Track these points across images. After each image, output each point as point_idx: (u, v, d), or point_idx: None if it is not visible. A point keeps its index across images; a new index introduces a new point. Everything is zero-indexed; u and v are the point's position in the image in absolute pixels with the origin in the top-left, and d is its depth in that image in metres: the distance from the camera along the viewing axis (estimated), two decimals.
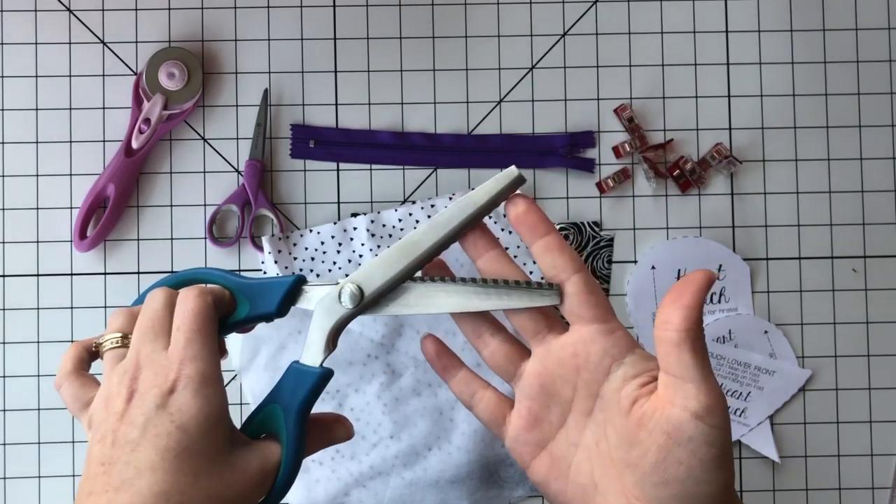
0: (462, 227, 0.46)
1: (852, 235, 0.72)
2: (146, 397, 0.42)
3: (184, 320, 0.44)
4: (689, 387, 0.40)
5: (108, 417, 0.42)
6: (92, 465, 0.41)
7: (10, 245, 0.70)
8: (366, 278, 0.46)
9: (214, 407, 0.42)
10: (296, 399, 0.44)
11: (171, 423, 0.41)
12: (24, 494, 0.69)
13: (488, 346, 0.48)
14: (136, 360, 0.43)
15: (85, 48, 0.71)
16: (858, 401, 0.71)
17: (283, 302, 0.46)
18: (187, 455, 0.41)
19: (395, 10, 0.72)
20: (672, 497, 0.40)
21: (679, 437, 0.40)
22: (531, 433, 0.46)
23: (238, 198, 0.70)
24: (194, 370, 0.42)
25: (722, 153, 0.71)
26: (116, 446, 0.41)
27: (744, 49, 0.72)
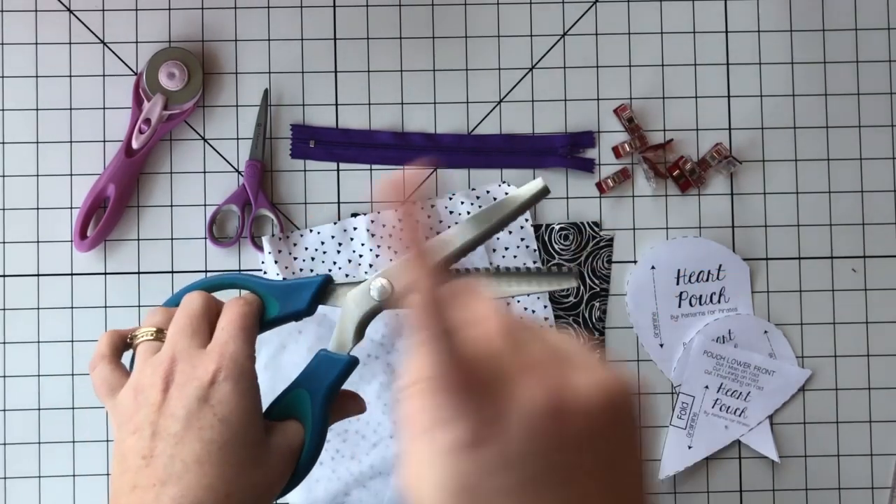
0: (491, 230, 0.48)
1: (852, 235, 0.72)
2: (186, 389, 0.42)
3: (229, 321, 0.45)
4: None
5: (141, 408, 0.43)
6: (130, 457, 0.42)
7: (10, 245, 0.70)
8: (395, 274, 0.48)
9: (252, 399, 0.44)
10: (323, 384, 0.47)
11: (213, 415, 0.42)
12: (24, 494, 0.69)
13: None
14: (172, 354, 0.44)
15: (85, 48, 0.71)
16: (858, 401, 0.72)
17: (312, 300, 0.48)
18: (230, 447, 0.42)
19: (395, 10, 0.72)
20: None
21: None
22: None
23: (238, 198, 0.70)
24: (235, 364, 0.43)
25: (722, 153, 0.71)
26: (157, 438, 0.42)
27: (744, 49, 0.72)
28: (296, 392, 0.47)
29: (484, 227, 0.48)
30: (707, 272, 0.71)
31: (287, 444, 0.45)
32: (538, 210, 0.71)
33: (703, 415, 0.70)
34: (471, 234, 0.47)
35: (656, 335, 0.71)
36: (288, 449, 0.45)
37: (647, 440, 0.71)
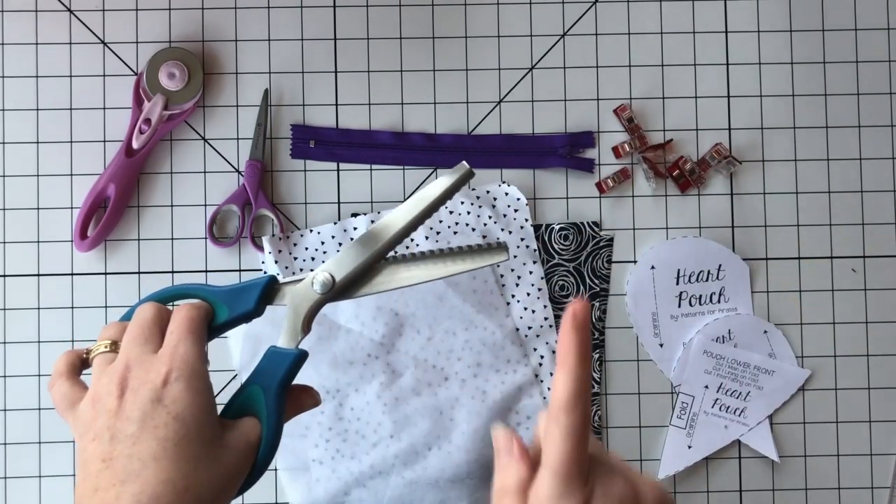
0: (419, 219, 0.51)
1: (852, 235, 0.72)
2: (140, 392, 0.44)
3: (178, 325, 0.47)
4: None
5: (99, 416, 0.45)
6: (91, 462, 0.43)
7: (10, 245, 0.70)
8: (336, 266, 0.51)
9: (205, 397, 0.45)
10: (274, 379, 0.48)
11: (167, 414, 0.44)
12: (24, 494, 0.69)
13: None
14: (126, 361, 0.46)
15: (85, 48, 0.71)
16: (858, 400, 0.72)
17: (259, 300, 0.50)
18: (186, 443, 0.44)
19: (395, 10, 0.72)
20: None
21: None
22: None
23: (238, 198, 0.70)
24: (185, 365, 0.45)
25: (721, 153, 0.71)
26: (115, 441, 0.43)
27: (744, 49, 0.72)
28: (249, 389, 0.48)
29: (411, 217, 0.50)
30: (707, 272, 0.71)
31: (244, 440, 0.46)
32: (538, 210, 0.71)
33: (702, 414, 0.70)
34: (402, 223, 0.50)
35: (656, 335, 0.71)
36: (245, 444, 0.46)
37: (647, 442, 0.71)
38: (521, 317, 0.70)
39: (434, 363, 0.69)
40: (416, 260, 0.51)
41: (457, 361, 0.69)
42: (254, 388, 0.48)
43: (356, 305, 0.69)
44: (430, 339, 0.69)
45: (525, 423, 0.70)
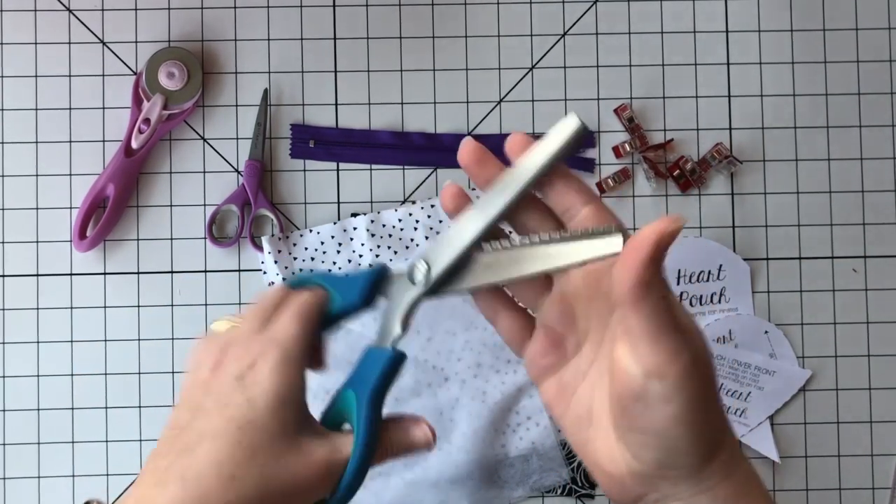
0: (524, 192, 0.42)
1: (852, 235, 0.72)
2: (228, 369, 0.42)
3: (289, 307, 0.45)
4: (639, 345, 0.37)
5: (192, 385, 0.43)
6: (171, 428, 0.42)
7: (9, 245, 0.70)
8: (434, 254, 0.43)
9: (288, 387, 0.42)
10: (367, 382, 0.43)
11: (241, 395, 0.41)
12: (24, 494, 0.69)
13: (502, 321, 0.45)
14: (232, 337, 0.44)
15: (85, 48, 0.71)
16: (858, 401, 0.71)
17: (365, 292, 0.44)
18: (249, 428, 0.40)
19: (395, 10, 0.72)
20: (642, 444, 0.39)
21: (629, 395, 0.38)
22: (545, 358, 0.44)
23: (238, 198, 0.70)
24: (278, 348, 0.42)
25: (722, 153, 0.71)
26: (193, 412, 0.42)
27: (744, 49, 0.72)
28: (344, 393, 0.44)
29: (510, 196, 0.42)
30: (707, 272, 0.71)
31: (325, 453, 0.42)
32: None
33: None
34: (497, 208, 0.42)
35: None
36: (325, 458, 0.42)
37: None
38: None
39: (434, 364, 0.69)
40: (517, 248, 0.42)
41: (457, 362, 0.69)
42: (347, 393, 0.43)
43: None
44: (430, 340, 0.69)
45: (525, 424, 0.69)
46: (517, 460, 0.69)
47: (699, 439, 0.38)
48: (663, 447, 0.38)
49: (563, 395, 0.43)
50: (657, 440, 0.38)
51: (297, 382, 0.42)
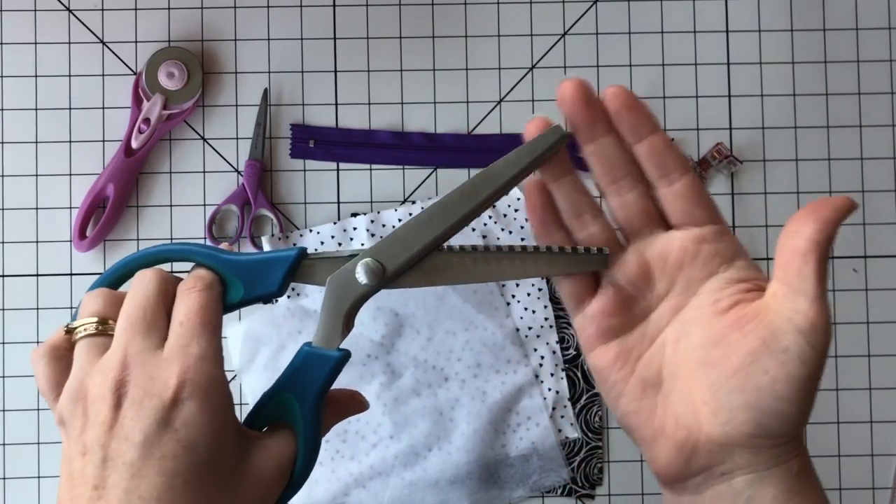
0: (495, 194, 0.41)
1: (852, 235, 0.72)
2: (144, 408, 0.36)
3: (188, 314, 0.38)
4: (801, 300, 0.39)
5: (89, 426, 0.36)
6: (79, 482, 0.36)
7: (9, 245, 0.70)
8: (388, 252, 0.41)
9: (224, 418, 0.37)
10: (312, 387, 0.40)
11: (176, 442, 0.35)
12: (24, 494, 0.69)
13: (587, 228, 0.43)
14: (123, 358, 0.37)
15: (84, 48, 0.71)
16: (859, 401, 0.71)
17: (284, 279, 0.41)
18: (198, 479, 0.36)
19: (395, 10, 0.72)
20: (744, 406, 0.38)
21: (774, 345, 0.38)
22: (610, 319, 0.42)
23: (238, 198, 0.70)
24: (201, 375, 0.37)
25: (722, 153, 0.71)
26: (110, 466, 0.35)
27: (744, 49, 0.72)
28: (281, 397, 0.41)
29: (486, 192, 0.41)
30: None
31: (273, 461, 0.39)
32: None
33: None
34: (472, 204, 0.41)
35: None
36: (274, 466, 0.39)
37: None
38: (521, 317, 0.70)
39: (434, 364, 0.69)
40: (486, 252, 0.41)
41: (457, 362, 0.69)
42: (286, 397, 0.40)
43: None
44: (430, 340, 0.69)
45: (525, 424, 0.69)
46: (517, 460, 0.69)
47: (806, 408, 0.38)
48: (771, 411, 0.38)
49: (627, 359, 0.42)
50: (770, 402, 0.38)
51: (229, 408, 0.38)
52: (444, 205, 0.41)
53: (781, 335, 0.38)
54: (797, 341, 0.38)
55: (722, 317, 0.40)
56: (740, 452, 0.39)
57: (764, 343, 0.38)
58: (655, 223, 0.42)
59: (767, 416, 0.38)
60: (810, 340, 0.38)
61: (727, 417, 0.38)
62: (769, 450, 0.39)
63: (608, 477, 0.70)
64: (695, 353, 0.40)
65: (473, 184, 0.41)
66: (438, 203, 0.41)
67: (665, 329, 0.42)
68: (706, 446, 0.39)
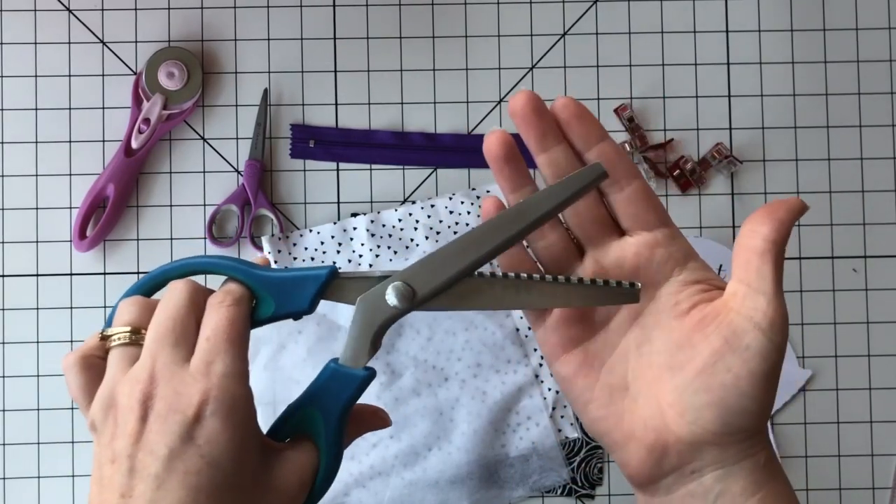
0: (531, 227, 0.41)
1: (852, 235, 0.72)
2: (168, 423, 0.36)
3: (215, 330, 0.39)
4: (759, 298, 0.40)
5: (118, 436, 0.37)
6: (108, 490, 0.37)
7: (9, 245, 0.70)
8: (420, 276, 0.41)
9: (246, 433, 0.38)
10: (337, 403, 0.41)
11: (200, 457, 0.36)
12: (24, 494, 0.69)
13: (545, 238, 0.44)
14: (152, 370, 0.38)
15: (84, 48, 0.71)
16: (859, 401, 0.71)
17: (316, 297, 0.41)
18: (219, 493, 0.36)
19: (395, 10, 0.72)
20: (710, 405, 0.39)
21: (737, 343, 0.39)
22: (571, 329, 0.43)
23: (238, 198, 0.70)
24: (224, 392, 0.37)
25: (722, 153, 0.71)
26: (136, 477, 0.36)
27: (744, 49, 0.72)
28: (306, 412, 0.41)
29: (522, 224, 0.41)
30: None
31: (295, 475, 0.40)
32: None
33: None
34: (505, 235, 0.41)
35: None
36: (296, 480, 0.40)
37: None
38: (521, 317, 0.70)
39: (434, 364, 0.69)
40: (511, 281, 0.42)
41: (457, 362, 0.69)
42: (311, 412, 0.41)
43: None
44: (430, 340, 0.69)
45: (525, 424, 0.69)
46: (517, 460, 0.69)
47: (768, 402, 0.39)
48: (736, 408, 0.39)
49: (591, 367, 0.43)
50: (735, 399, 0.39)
51: (252, 424, 0.39)
52: (478, 234, 0.42)
53: (743, 333, 0.39)
54: (758, 338, 0.40)
55: (682, 319, 0.41)
56: (709, 450, 0.40)
57: (727, 342, 0.39)
58: (609, 230, 0.43)
59: (733, 414, 0.39)
60: (770, 337, 0.40)
61: (694, 417, 0.40)
62: (736, 445, 0.40)
63: (608, 477, 0.70)
64: (658, 357, 0.41)
65: (509, 216, 0.42)
66: (472, 232, 0.42)
67: (626, 335, 0.43)
68: (676, 447, 0.40)
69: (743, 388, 0.39)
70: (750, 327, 0.40)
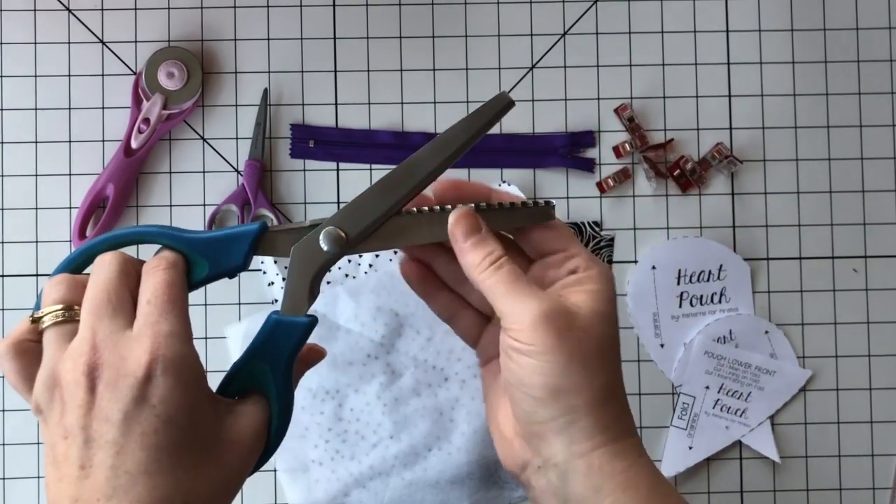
0: (446, 161, 0.44)
1: (852, 235, 0.72)
2: (119, 387, 0.36)
3: (155, 293, 0.39)
4: (499, 311, 0.43)
5: (67, 410, 0.37)
6: (65, 465, 0.37)
7: (9, 245, 0.70)
8: (349, 219, 0.44)
9: (198, 390, 0.38)
10: (282, 354, 0.42)
11: (155, 417, 0.36)
12: (24, 494, 0.69)
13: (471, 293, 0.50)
14: (93, 342, 0.37)
15: (84, 48, 0.71)
16: (859, 401, 0.71)
17: (249, 252, 0.42)
18: (180, 450, 0.37)
19: (395, 10, 0.72)
20: (517, 398, 0.44)
21: (504, 348, 0.43)
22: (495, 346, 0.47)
23: (238, 198, 0.70)
24: (172, 350, 0.37)
25: (722, 153, 0.71)
26: (93, 446, 0.36)
27: (744, 49, 0.72)
28: (252, 365, 0.42)
29: (447, 152, 0.44)
30: (708, 272, 0.71)
31: (250, 426, 0.40)
32: None
33: (703, 415, 0.70)
34: (434, 162, 0.44)
35: (657, 335, 0.71)
36: (251, 431, 0.40)
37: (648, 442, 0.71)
38: None
39: (434, 364, 0.69)
40: (436, 215, 0.44)
41: (457, 362, 0.69)
42: (257, 364, 0.42)
43: (356, 306, 0.68)
44: (430, 340, 0.69)
45: None
46: None
47: (556, 393, 0.42)
48: (528, 397, 0.43)
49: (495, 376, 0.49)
50: (522, 391, 0.43)
51: (202, 380, 0.39)
52: (400, 173, 0.44)
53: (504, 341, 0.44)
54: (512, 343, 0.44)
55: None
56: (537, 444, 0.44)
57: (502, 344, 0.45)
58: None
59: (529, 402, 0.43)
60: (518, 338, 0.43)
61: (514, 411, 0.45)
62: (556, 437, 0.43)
63: None
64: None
65: (427, 151, 0.44)
66: (394, 171, 0.44)
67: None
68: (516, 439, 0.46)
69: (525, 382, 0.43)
70: (504, 335, 0.44)
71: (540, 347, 0.42)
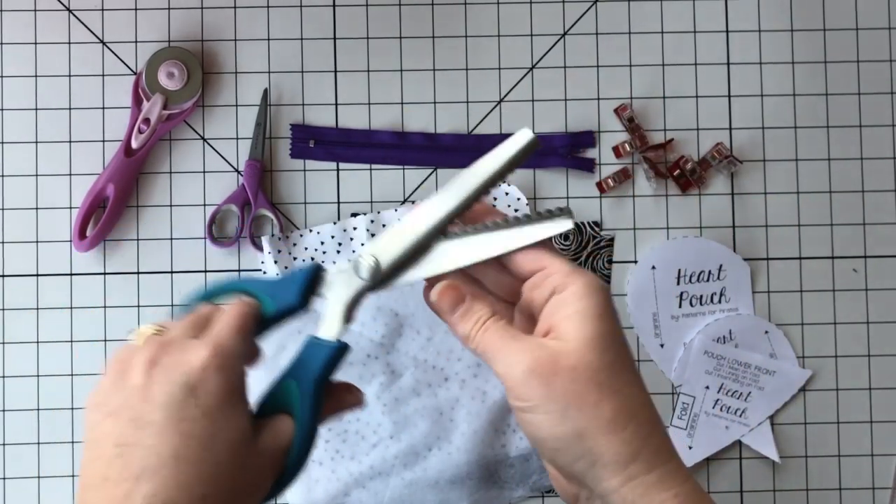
0: (477, 194, 0.45)
1: (852, 235, 0.72)
2: (172, 374, 0.40)
3: (227, 320, 0.44)
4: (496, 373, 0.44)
5: (121, 389, 0.40)
6: (104, 443, 0.39)
7: (9, 245, 0.70)
8: (382, 250, 0.45)
9: (241, 397, 0.42)
10: (310, 373, 0.44)
11: (196, 407, 0.39)
12: (24, 494, 0.69)
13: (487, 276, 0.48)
14: (164, 339, 0.42)
15: (84, 48, 0.71)
16: (859, 401, 0.71)
17: (302, 292, 0.45)
18: (211, 444, 0.39)
19: (395, 10, 0.72)
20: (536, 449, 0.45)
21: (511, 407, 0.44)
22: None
23: (238, 198, 0.70)
24: (227, 359, 0.41)
25: (722, 153, 0.71)
26: (135, 426, 0.39)
27: (744, 49, 0.72)
28: (284, 383, 0.44)
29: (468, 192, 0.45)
30: (708, 272, 0.71)
31: (276, 445, 0.42)
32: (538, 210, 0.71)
33: (703, 415, 0.70)
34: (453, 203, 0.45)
35: (657, 335, 0.71)
36: (275, 448, 0.42)
37: None
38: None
39: (434, 364, 0.69)
40: (466, 235, 0.45)
41: (457, 362, 0.69)
42: (289, 383, 0.44)
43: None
44: (430, 340, 0.69)
45: None
46: (517, 460, 0.69)
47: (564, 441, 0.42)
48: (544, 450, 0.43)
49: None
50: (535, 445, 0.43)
51: (244, 390, 0.42)
52: (435, 202, 0.45)
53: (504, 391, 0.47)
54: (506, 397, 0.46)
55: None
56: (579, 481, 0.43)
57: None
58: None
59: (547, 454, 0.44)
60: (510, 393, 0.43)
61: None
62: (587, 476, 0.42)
63: None
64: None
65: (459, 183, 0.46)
66: (430, 201, 0.45)
67: None
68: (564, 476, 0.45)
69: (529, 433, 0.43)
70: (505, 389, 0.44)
71: (534, 401, 0.41)
